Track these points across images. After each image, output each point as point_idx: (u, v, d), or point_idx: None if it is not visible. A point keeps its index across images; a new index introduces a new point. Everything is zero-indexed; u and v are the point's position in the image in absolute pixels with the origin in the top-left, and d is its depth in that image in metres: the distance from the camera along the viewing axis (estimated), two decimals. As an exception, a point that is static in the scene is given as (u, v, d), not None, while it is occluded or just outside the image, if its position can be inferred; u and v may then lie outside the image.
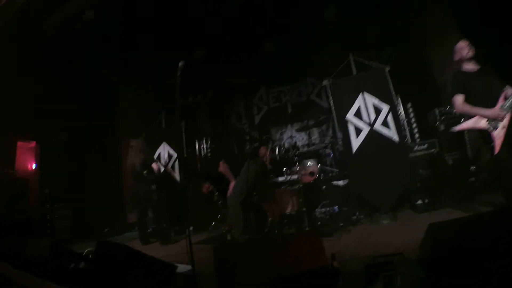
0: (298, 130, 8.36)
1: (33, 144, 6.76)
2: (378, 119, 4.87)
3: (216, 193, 5.77)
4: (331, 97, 5.25)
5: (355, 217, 4.87)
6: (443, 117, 5.48)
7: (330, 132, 8.34)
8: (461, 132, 5.31)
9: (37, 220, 5.84)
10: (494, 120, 3.18)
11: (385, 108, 4.87)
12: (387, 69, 5.11)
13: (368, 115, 4.92)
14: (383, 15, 6.20)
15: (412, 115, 6.32)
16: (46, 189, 6.28)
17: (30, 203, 5.92)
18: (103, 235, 6.49)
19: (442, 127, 5.48)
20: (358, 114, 4.96)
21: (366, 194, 4.81)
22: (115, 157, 6.95)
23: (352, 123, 4.96)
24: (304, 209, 4.71)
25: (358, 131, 4.93)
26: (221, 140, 8.33)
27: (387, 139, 4.77)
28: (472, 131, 4.01)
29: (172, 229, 6.01)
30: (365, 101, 4.96)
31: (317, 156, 6.67)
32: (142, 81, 7.56)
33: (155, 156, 6.71)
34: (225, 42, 6.50)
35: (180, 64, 2.85)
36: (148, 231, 5.93)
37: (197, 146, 8.00)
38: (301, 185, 4.94)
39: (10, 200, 5.51)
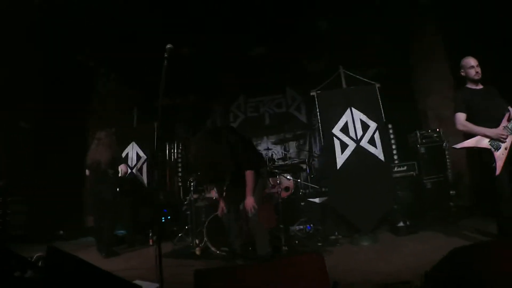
0: (274, 143, 8.19)
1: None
2: (365, 136, 4.75)
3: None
4: (317, 109, 5.04)
5: (333, 237, 4.68)
6: (424, 140, 5.51)
7: (307, 147, 8.25)
8: (443, 156, 5.37)
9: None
10: (496, 141, 3.16)
11: (372, 125, 4.78)
12: (378, 85, 5.02)
13: (355, 131, 4.79)
14: (372, 35, 6.26)
15: (392, 136, 6.32)
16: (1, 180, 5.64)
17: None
18: (56, 238, 5.98)
19: (422, 150, 5.50)
20: (344, 129, 4.82)
21: (347, 213, 4.61)
22: (82, 151, 6.35)
23: (338, 137, 4.80)
24: (281, 226, 4.45)
25: (343, 146, 4.77)
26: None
27: (373, 157, 4.65)
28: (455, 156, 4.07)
29: (135, 238, 5.58)
30: (353, 117, 4.84)
31: (293, 171, 6.49)
32: (121, 73, 7.08)
33: (123, 155, 6.23)
34: (211, 43, 6.24)
35: (168, 46, 2.53)
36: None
37: (167, 150, 7.55)
38: (279, 200, 4.69)
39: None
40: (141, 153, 6.20)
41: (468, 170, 5.28)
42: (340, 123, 4.84)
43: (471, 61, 3.41)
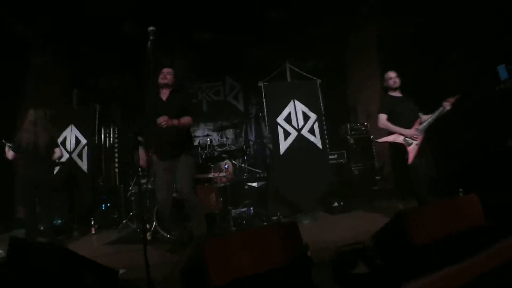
0: (212, 130, 8.43)
1: None
2: (305, 125, 5.29)
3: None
4: (264, 99, 5.45)
5: (275, 218, 5.14)
6: (352, 132, 6.26)
7: (243, 134, 8.64)
8: (370, 146, 6.18)
9: None
10: (410, 138, 3.96)
11: (313, 116, 5.33)
12: (319, 81, 5.58)
13: (297, 121, 5.30)
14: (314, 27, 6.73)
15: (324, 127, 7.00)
16: None
17: None
18: None
19: (351, 141, 6.25)
20: (288, 118, 5.30)
21: (289, 195, 5.12)
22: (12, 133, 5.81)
23: (281, 126, 5.27)
24: (230, 207, 4.78)
25: (286, 134, 5.26)
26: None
27: (312, 145, 5.21)
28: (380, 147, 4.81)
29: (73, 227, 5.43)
30: (295, 108, 5.34)
31: (231, 157, 6.82)
32: (61, 49, 6.63)
33: (60, 139, 5.93)
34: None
35: (151, 28, 2.67)
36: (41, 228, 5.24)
37: (102, 135, 7.33)
38: (221, 185, 4.99)
39: None
40: (81, 137, 5.93)
41: (390, 160, 6.11)
42: (284, 113, 5.33)
43: (391, 74, 4.23)
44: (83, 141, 5.92)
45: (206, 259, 1.72)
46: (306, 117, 5.36)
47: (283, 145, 5.26)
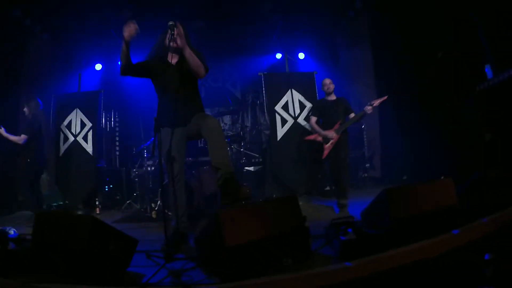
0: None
1: None
2: (301, 114, 5.67)
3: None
4: (263, 88, 5.81)
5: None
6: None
7: (240, 120, 8.94)
8: (361, 136, 6.60)
9: None
10: (326, 137, 4.61)
11: (308, 105, 5.70)
12: (316, 73, 5.94)
13: (294, 109, 5.67)
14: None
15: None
16: None
17: None
18: None
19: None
20: (285, 107, 5.67)
21: (285, 179, 5.53)
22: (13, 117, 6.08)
23: (279, 114, 5.64)
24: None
25: (283, 121, 5.63)
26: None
27: (308, 132, 5.56)
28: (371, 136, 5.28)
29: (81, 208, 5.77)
30: (293, 97, 5.71)
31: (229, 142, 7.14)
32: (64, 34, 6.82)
33: (65, 124, 6.23)
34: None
35: (170, 23, 2.91)
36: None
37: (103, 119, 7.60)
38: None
39: None
40: (86, 121, 6.21)
41: (380, 148, 6.54)
42: (282, 102, 5.69)
43: (326, 81, 4.83)
44: (89, 124, 6.20)
45: (222, 224, 2.08)
46: (302, 106, 5.74)
47: (280, 131, 5.65)
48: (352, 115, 4.66)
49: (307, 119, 5.70)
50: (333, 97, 4.81)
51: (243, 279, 1.95)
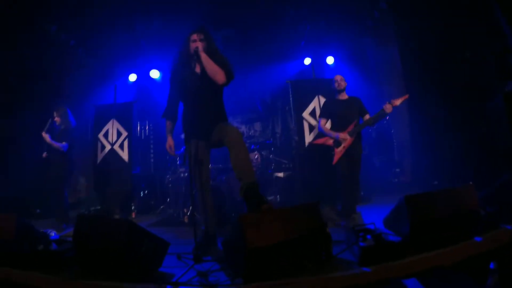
0: (240, 123, 8.93)
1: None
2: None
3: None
4: (291, 96, 5.97)
5: (300, 206, 5.65)
6: (374, 126, 6.64)
7: (270, 127, 9.10)
8: (391, 140, 6.57)
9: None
10: (338, 140, 4.30)
11: (336, 111, 5.77)
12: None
13: (321, 116, 5.77)
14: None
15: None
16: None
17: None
18: (34, 216, 5.99)
19: (373, 135, 6.65)
20: (312, 113, 5.79)
21: (312, 185, 5.65)
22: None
23: (306, 120, 5.76)
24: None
25: (311, 128, 5.75)
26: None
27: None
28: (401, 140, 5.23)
29: (117, 213, 6.13)
30: (320, 103, 5.81)
31: (260, 148, 7.31)
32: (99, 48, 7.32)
33: (103, 133, 6.68)
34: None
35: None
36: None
37: (138, 128, 8.05)
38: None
39: None
40: (122, 130, 6.63)
41: (411, 152, 6.49)
42: (309, 108, 5.82)
43: (337, 77, 4.55)
44: (124, 133, 6.63)
45: (244, 227, 2.26)
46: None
47: (308, 138, 5.77)
48: (367, 116, 4.32)
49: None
50: (344, 96, 4.51)
51: (264, 280, 2.11)
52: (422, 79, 5.81)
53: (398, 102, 4.07)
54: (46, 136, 5.07)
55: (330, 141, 4.40)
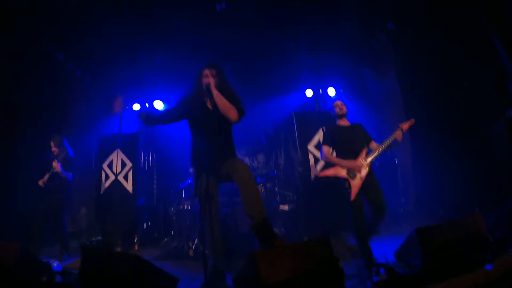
0: (244, 155, 8.99)
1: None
2: (333, 152, 5.81)
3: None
4: (295, 128, 6.07)
5: (306, 238, 5.61)
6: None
7: (273, 158, 9.15)
8: (395, 169, 6.61)
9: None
10: (352, 171, 3.84)
11: (340, 143, 5.86)
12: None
13: (326, 148, 5.85)
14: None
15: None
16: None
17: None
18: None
19: (377, 164, 6.68)
20: (317, 145, 5.87)
21: (318, 217, 5.64)
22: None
23: (312, 153, 5.84)
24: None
25: (316, 160, 5.81)
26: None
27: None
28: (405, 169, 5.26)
29: (120, 244, 6.08)
30: (324, 135, 5.89)
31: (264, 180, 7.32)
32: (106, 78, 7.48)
33: (107, 163, 6.72)
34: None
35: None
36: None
37: (142, 158, 8.10)
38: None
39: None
40: (127, 161, 6.69)
41: (415, 181, 6.51)
42: (314, 140, 5.91)
43: (337, 102, 4.29)
44: (129, 164, 6.68)
45: (258, 263, 2.27)
46: (334, 144, 5.90)
47: (314, 170, 5.81)
48: (373, 143, 4.03)
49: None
50: (346, 122, 4.21)
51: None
52: (422, 108, 5.91)
53: (406, 126, 3.90)
54: (57, 166, 5.09)
55: (342, 172, 3.86)
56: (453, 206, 5.25)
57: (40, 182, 5.17)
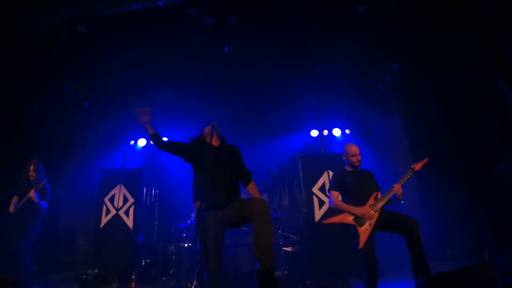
0: (246, 193, 8.94)
1: None
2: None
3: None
4: (300, 170, 6.14)
5: (308, 282, 5.50)
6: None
7: (277, 199, 9.11)
8: (401, 211, 6.56)
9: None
10: (361, 217, 3.72)
11: (345, 187, 5.90)
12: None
13: (330, 191, 5.88)
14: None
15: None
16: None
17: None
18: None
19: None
20: (322, 188, 5.91)
21: (323, 261, 5.56)
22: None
23: (316, 195, 5.86)
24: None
25: (321, 203, 5.82)
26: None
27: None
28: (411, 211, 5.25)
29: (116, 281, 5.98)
30: (329, 178, 5.93)
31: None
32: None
33: (109, 197, 6.74)
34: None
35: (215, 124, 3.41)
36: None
37: (144, 194, 8.11)
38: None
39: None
40: (129, 196, 6.70)
41: (421, 223, 6.41)
42: (319, 183, 5.94)
43: (354, 149, 4.08)
44: (131, 200, 6.69)
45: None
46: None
47: (318, 213, 5.82)
48: (378, 194, 3.91)
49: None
50: (356, 168, 4.12)
51: None
52: (428, 148, 5.97)
53: (419, 166, 3.83)
54: (34, 196, 4.88)
55: (349, 218, 3.77)
56: (460, 247, 5.19)
57: (11, 208, 4.98)
